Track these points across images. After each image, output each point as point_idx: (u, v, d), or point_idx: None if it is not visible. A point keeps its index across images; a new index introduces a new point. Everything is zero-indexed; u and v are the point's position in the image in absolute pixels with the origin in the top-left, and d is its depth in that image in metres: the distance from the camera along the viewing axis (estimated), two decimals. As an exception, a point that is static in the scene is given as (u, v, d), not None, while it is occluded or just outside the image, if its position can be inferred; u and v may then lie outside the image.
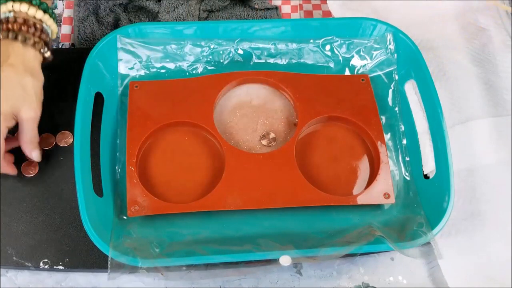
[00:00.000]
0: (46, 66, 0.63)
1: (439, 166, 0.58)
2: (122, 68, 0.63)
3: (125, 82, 0.63)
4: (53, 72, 0.66)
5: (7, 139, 0.55)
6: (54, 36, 0.59)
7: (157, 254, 0.52)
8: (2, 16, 0.54)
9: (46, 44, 0.57)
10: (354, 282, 0.59)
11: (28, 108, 0.53)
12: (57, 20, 0.73)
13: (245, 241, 0.54)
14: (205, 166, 0.59)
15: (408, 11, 0.76)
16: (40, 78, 0.56)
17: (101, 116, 0.60)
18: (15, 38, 0.54)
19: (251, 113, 0.64)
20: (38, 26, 0.56)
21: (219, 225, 0.57)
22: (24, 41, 0.54)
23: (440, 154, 0.58)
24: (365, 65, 0.67)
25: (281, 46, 0.66)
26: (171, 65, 0.65)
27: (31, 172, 0.60)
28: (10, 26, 0.54)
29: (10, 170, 0.57)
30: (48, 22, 0.57)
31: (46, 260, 0.56)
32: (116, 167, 0.59)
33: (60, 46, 0.72)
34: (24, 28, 0.54)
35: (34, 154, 0.57)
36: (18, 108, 0.53)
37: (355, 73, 0.67)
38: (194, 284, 0.57)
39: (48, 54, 0.57)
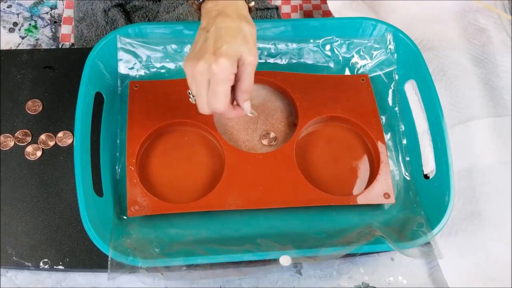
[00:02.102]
0: (46, 66, 0.63)
1: (439, 166, 0.58)
2: (122, 68, 0.63)
3: (125, 82, 0.63)
4: (53, 72, 0.66)
5: None
6: None
7: (157, 254, 0.52)
8: None
9: None
10: (354, 282, 0.59)
11: (249, 53, 0.51)
12: (57, 20, 0.73)
13: (245, 241, 0.54)
14: (205, 166, 0.59)
15: (408, 11, 0.76)
16: (253, 25, 0.53)
17: (101, 116, 0.60)
18: None
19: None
20: None
21: (219, 225, 0.57)
22: None
23: (440, 154, 0.58)
24: (365, 65, 0.67)
25: (281, 46, 0.66)
26: (171, 65, 0.65)
27: (33, 157, 0.61)
28: None
29: (239, 114, 0.54)
30: None
31: (46, 260, 0.56)
32: (116, 167, 0.59)
33: (60, 46, 0.72)
34: None
35: (246, 105, 0.53)
36: (240, 53, 0.50)
37: (355, 73, 0.67)
38: (194, 284, 0.57)
39: (252, 3, 0.55)
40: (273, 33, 0.65)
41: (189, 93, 0.54)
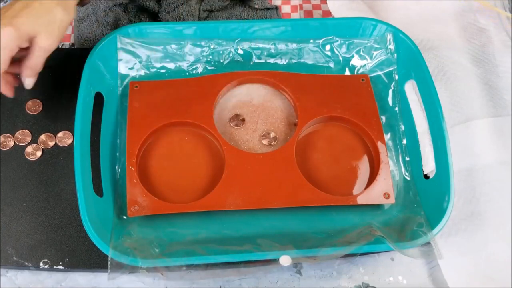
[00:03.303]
0: (46, 66, 0.63)
1: (439, 166, 0.58)
2: (122, 68, 0.63)
3: (125, 82, 0.63)
4: (53, 72, 0.66)
5: (12, 62, 0.52)
6: None
7: (157, 254, 0.52)
8: None
9: None
10: (354, 282, 0.59)
11: (46, 36, 0.51)
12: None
13: (245, 241, 0.54)
14: (205, 166, 0.59)
15: (408, 11, 0.76)
16: (71, 15, 0.53)
17: (101, 116, 0.60)
18: None
19: (251, 113, 0.64)
20: None
21: (219, 225, 0.57)
22: None
23: (440, 154, 0.58)
24: (365, 65, 0.67)
25: (281, 46, 0.66)
26: (171, 65, 0.65)
27: (33, 157, 0.60)
28: None
29: (8, 91, 0.55)
30: None
31: (46, 260, 0.56)
32: (116, 167, 0.59)
33: (60, 46, 0.71)
34: None
35: (28, 80, 0.55)
36: (36, 32, 0.51)
37: (355, 73, 0.67)
38: (194, 284, 0.57)
39: None
40: (273, 33, 0.65)
41: None
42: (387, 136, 0.63)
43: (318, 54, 0.66)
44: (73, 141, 0.62)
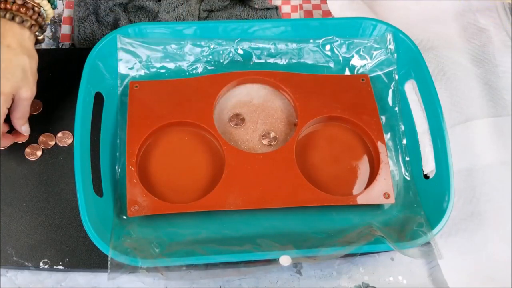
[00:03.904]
0: (46, 66, 0.63)
1: (439, 166, 0.58)
2: (122, 68, 0.63)
3: (125, 82, 0.63)
4: (53, 72, 0.66)
5: None
6: (48, 21, 0.60)
7: (157, 254, 0.52)
8: None
9: (41, 27, 0.58)
10: (354, 282, 0.59)
11: (27, 88, 0.54)
12: (57, 20, 0.73)
13: (245, 241, 0.54)
14: (205, 166, 0.59)
15: (408, 11, 0.76)
16: (36, 58, 0.57)
17: (101, 116, 0.60)
18: (13, 19, 0.54)
19: (251, 113, 0.64)
20: (36, 9, 0.56)
21: (219, 225, 0.57)
22: (22, 22, 0.55)
23: (440, 154, 0.58)
24: (365, 65, 0.67)
25: (281, 46, 0.66)
26: (171, 65, 0.65)
27: (33, 157, 0.61)
28: (8, 6, 0.54)
29: (9, 142, 0.60)
30: (46, 7, 0.58)
31: (46, 260, 0.56)
32: (116, 167, 0.59)
33: (60, 46, 0.72)
34: (22, 10, 0.55)
35: (24, 128, 0.58)
36: (17, 88, 0.54)
37: (355, 73, 0.67)
38: (194, 284, 0.57)
39: (41, 36, 0.58)
40: (273, 33, 0.65)
41: None
42: (387, 136, 0.63)
43: (318, 54, 0.66)
44: (73, 141, 0.62)
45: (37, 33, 0.57)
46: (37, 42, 0.58)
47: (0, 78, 0.52)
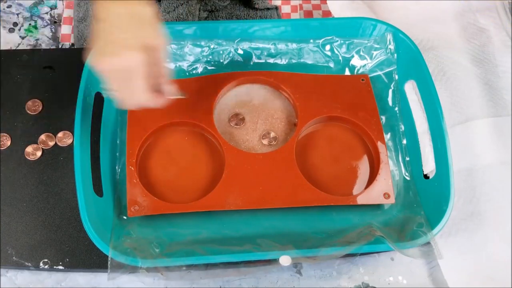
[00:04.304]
0: (46, 66, 0.63)
1: (439, 166, 0.58)
2: (122, 68, 0.63)
3: (125, 82, 0.63)
4: (53, 72, 0.66)
5: None
6: None
7: (157, 254, 0.52)
8: None
9: None
10: (354, 282, 0.59)
11: (154, 36, 0.48)
12: (57, 20, 0.74)
13: (245, 241, 0.54)
14: (205, 166, 0.59)
15: (408, 11, 0.76)
16: (153, 3, 0.49)
17: (101, 116, 0.60)
18: None
19: (251, 113, 0.64)
20: None
21: (219, 225, 0.57)
22: None
23: (440, 154, 0.58)
24: (365, 65, 0.67)
25: (281, 46, 0.65)
26: (171, 65, 0.65)
27: (33, 157, 0.61)
28: None
29: (163, 100, 0.51)
30: None
31: (46, 260, 0.56)
32: (116, 167, 0.59)
33: (60, 46, 0.72)
34: None
35: (168, 88, 0.52)
36: (145, 39, 0.47)
37: (355, 73, 0.67)
38: (194, 284, 0.57)
39: None
40: (273, 33, 0.65)
41: (104, 88, 0.49)
42: (387, 136, 0.63)
43: (318, 54, 0.66)
44: (73, 141, 0.62)
45: None
46: None
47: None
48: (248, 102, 0.64)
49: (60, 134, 0.63)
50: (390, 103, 0.65)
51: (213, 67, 0.65)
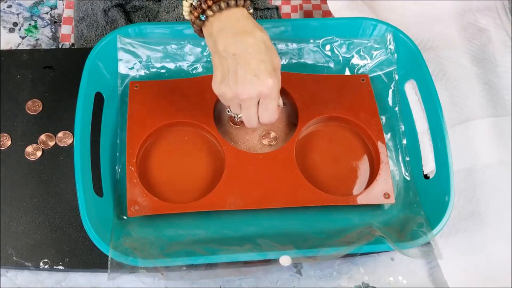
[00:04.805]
0: (46, 66, 0.63)
1: (439, 166, 0.58)
2: (122, 68, 0.63)
3: (125, 82, 0.63)
4: (53, 72, 0.66)
5: None
6: None
7: (157, 254, 0.52)
8: None
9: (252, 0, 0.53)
10: (354, 282, 0.59)
11: (277, 57, 0.51)
12: (57, 20, 0.73)
13: (245, 241, 0.54)
14: (205, 166, 0.59)
15: (408, 11, 0.76)
16: (262, 27, 0.51)
17: (101, 116, 0.60)
18: (227, 5, 0.50)
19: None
20: None
21: (219, 225, 0.57)
22: (236, 3, 0.50)
23: (440, 154, 0.58)
24: (365, 65, 0.67)
25: (281, 46, 0.65)
26: (171, 65, 0.65)
27: (33, 157, 0.61)
28: None
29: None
30: None
31: (46, 260, 0.56)
32: (116, 167, 0.59)
33: (60, 46, 0.72)
34: None
35: (280, 101, 0.55)
36: (273, 63, 0.50)
37: (355, 73, 0.67)
38: (194, 284, 0.57)
39: (251, 10, 0.52)
40: (273, 33, 0.65)
41: (229, 111, 0.56)
42: (387, 136, 0.63)
43: (318, 54, 0.66)
44: (73, 141, 0.62)
45: (248, 8, 0.52)
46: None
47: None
48: (248, 102, 0.64)
49: (60, 134, 0.63)
50: (390, 103, 0.65)
51: (213, 67, 0.65)
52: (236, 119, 0.58)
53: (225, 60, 0.49)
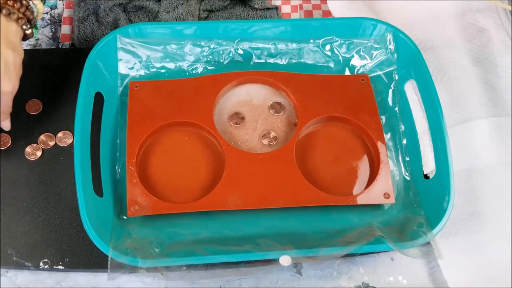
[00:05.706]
0: (46, 66, 0.63)
1: (439, 166, 0.58)
2: (122, 68, 0.63)
3: (125, 82, 0.63)
4: (53, 72, 0.66)
5: None
6: (39, 16, 0.59)
7: (157, 254, 0.52)
8: None
9: (29, 21, 0.57)
10: (354, 282, 0.59)
11: (8, 82, 0.54)
12: (57, 20, 0.73)
13: (245, 241, 0.54)
14: (205, 166, 0.59)
15: (408, 11, 0.76)
16: (21, 53, 0.56)
17: (101, 116, 0.60)
18: None
19: (251, 113, 0.64)
20: (24, 2, 0.56)
21: (219, 225, 0.57)
22: (8, 15, 0.54)
23: (440, 154, 0.58)
24: (365, 65, 0.67)
25: (281, 46, 0.66)
26: (171, 65, 0.65)
27: (33, 157, 0.61)
28: None
29: None
30: (35, 1, 0.57)
31: (46, 260, 0.56)
32: (116, 167, 0.59)
33: (60, 46, 0.72)
34: (10, 2, 0.54)
35: (5, 123, 0.59)
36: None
37: (355, 73, 0.67)
38: (194, 284, 0.57)
39: (29, 31, 0.57)
40: (273, 33, 0.65)
41: None
42: (387, 136, 0.63)
43: (318, 54, 0.66)
44: (73, 141, 0.62)
45: (24, 27, 0.56)
46: (25, 37, 0.58)
47: None
48: (248, 102, 0.64)
49: (60, 134, 0.63)
50: (390, 103, 0.65)
51: (213, 67, 0.65)
52: None
53: None
